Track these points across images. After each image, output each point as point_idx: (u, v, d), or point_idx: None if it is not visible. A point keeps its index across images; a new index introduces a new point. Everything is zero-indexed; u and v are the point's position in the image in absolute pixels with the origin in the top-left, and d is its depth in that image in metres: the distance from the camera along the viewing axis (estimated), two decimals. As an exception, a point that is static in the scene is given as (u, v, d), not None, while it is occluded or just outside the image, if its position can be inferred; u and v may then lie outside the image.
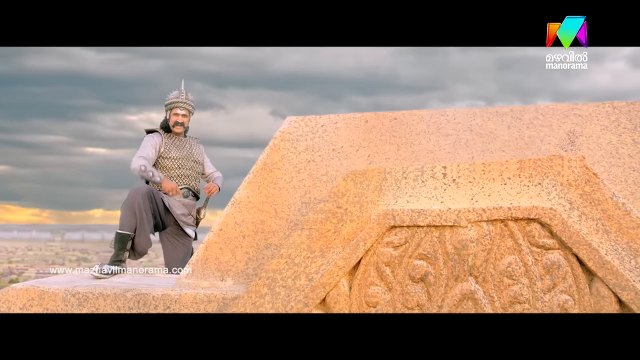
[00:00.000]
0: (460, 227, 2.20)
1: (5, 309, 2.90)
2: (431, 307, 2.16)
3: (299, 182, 2.86)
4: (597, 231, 2.12)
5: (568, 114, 2.71)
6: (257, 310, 2.30)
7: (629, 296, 2.03)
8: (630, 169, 2.61)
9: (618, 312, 2.05)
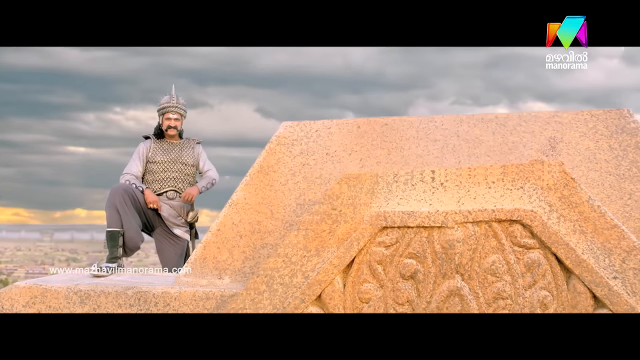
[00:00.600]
0: (448, 228, 2.31)
1: (9, 306, 2.98)
2: (420, 303, 2.29)
3: (294, 184, 2.97)
4: (574, 232, 2.26)
5: (549, 121, 2.85)
6: (256, 306, 2.41)
7: (602, 292, 2.17)
8: (607, 173, 2.75)
9: (593, 307, 2.19)
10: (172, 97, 4.13)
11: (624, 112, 2.80)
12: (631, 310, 2.13)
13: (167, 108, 4.11)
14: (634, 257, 2.20)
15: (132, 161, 3.98)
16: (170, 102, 4.11)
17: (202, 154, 4.26)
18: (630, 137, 2.75)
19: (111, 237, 3.50)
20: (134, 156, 4.00)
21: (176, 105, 4.12)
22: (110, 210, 3.51)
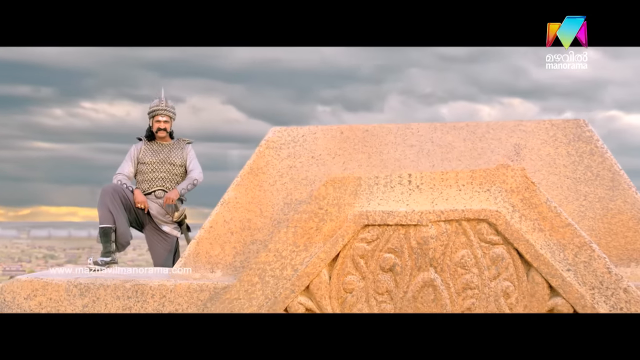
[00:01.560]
0: (423, 226, 2.55)
1: (11, 298, 3.14)
2: (398, 293, 2.53)
3: (281, 185, 3.18)
4: (534, 230, 2.52)
5: (514, 129, 3.12)
6: (249, 297, 2.64)
7: (557, 282, 2.44)
8: (565, 177, 3.02)
9: (549, 295, 2.46)
10: (161, 101, 4.33)
11: (580, 122, 3.07)
12: (581, 298, 2.41)
13: (156, 111, 4.31)
14: (584, 252, 2.48)
15: (124, 162, 4.19)
16: (159, 105, 4.31)
17: (190, 153, 4.45)
18: (585, 144, 3.03)
19: (104, 233, 3.69)
20: (126, 157, 4.22)
21: (165, 108, 4.32)
22: (102, 209, 3.70)
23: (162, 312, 2.99)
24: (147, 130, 4.39)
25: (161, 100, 4.33)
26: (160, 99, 4.33)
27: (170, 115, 4.35)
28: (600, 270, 2.46)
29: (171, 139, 4.41)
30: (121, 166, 4.17)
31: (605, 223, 2.97)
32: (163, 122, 4.30)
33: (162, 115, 4.30)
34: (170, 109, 4.34)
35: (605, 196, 2.99)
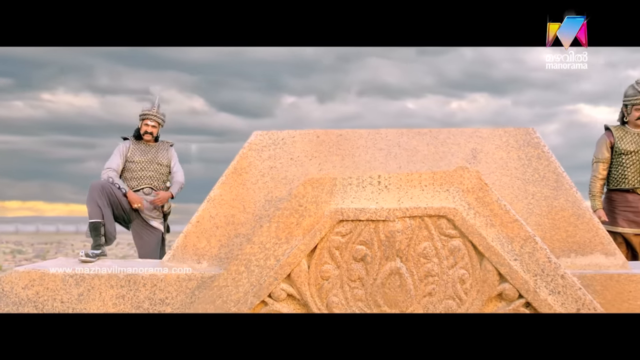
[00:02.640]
0: (390, 221, 2.78)
1: (9, 289, 3.29)
2: (368, 280, 2.78)
3: (263, 184, 3.39)
4: (486, 225, 2.81)
5: (472, 135, 3.41)
6: (236, 284, 2.90)
7: (505, 270, 2.72)
8: (515, 178, 3.30)
9: (498, 281, 2.76)
10: (153, 107, 4.59)
11: (529, 130, 3.37)
12: (525, 284, 2.73)
13: (147, 115, 4.57)
14: (529, 244, 2.80)
15: (113, 156, 4.38)
16: (151, 110, 4.58)
17: (174, 156, 4.71)
18: (533, 149, 3.34)
19: (94, 227, 3.90)
20: (115, 152, 4.41)
21: (155, 115, 4.58)
22: (91, 204, 3.91)
23: (153, 300, 3.22)
24: (135, 130, 4.63)
25: (154, 106, 4.59)
26: (153, 105, 4.59)
27: (159, 121, 4.61)
28: (542, 260, 2.78)
29: (155, 141, 4.66)
30: (110, 160, 4.37)
31: (549, 219, 3.24)
32: (151, 126, 4.56)
33: (152, 120, 4.56)
34: (161, 116, 4.60)
35: (550, 195, 3.27)
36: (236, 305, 2.83)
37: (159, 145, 4.65)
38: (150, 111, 4.62)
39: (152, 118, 4.61)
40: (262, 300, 2.82)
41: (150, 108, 4.63)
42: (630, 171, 4.35)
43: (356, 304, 2.78)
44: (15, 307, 3.31)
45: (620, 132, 4.42)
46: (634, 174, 4.35)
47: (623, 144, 4.37)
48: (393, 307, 2.76)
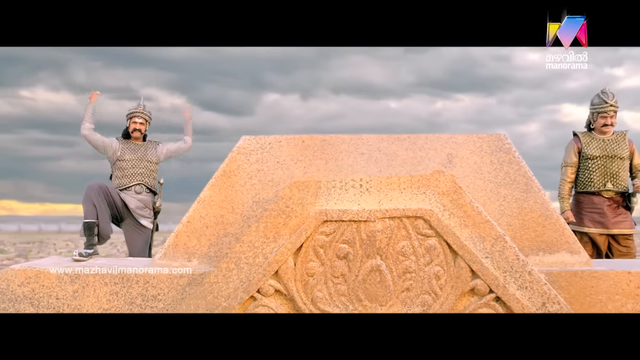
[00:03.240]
0: (371, 222, 2.94)
1: (5, 286, 3.40)
2: (351, 276, 2.94)
3: (251, 185, 3.54)
4: (460, 225, 3.00)
5: (448, 141, 3.60)
6: (227, 280, 3.06)
7: (477, 267, 2.92)
8: (488, 181, 3.49)
9: (471, 277, 2.97)
10: (139, 105, 4.74)
11: (501, 136, 3.57)
12: (495, 279, 2.94)
13: (134, 113, 4.72)
14: (499, 243, 3.00)
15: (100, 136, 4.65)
16: (137, 108, 4.72)
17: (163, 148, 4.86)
18: (505, 154, 3.54)
19: (88, 227, 4.04)
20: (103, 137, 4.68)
21: (142, 112, 4.72)
22: (87, 204, 4.05)
23: (145, 296, 3.36)
24: (124, 130, 4.77)
25: (140, 104, 4.74)
26: (139, 104, 4.74)
27: (146, 118, 4.75)
28: (511, 258, 3.00)
29: (143, 140, 4.81)
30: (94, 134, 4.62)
31: (520, 219, 3.44)
32: (139, 123, 4.71)
33: (139, 117, 4.71)
34: (147, 113, 4.75)
35: (520, 197, 3.46)
36: (227, 300, 2.99)
37: (147, 144, 4.80)
38: (137, 109, 4.76)
39: (140, 115, 4.75)
40: (251, 295, 2.98)
41: (137, 106, 4.77)
42: (596, 175, 4.61)
43: (339, 298, 2.96)
44: (12, 304, 3.41)
45: (587, 138, 4.69)
46: (599, 177, 4.61)
47: (589, 149, 4.63)
48: (373, 301, 2.94)
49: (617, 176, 4.59)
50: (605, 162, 4.59)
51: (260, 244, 3.07)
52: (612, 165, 4.58)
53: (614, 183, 4.58)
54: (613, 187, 4.58)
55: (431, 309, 2.94)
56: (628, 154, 4.62)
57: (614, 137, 4.66)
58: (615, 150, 4.60)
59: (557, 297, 2.97)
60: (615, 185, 4.58)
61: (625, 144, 4.63)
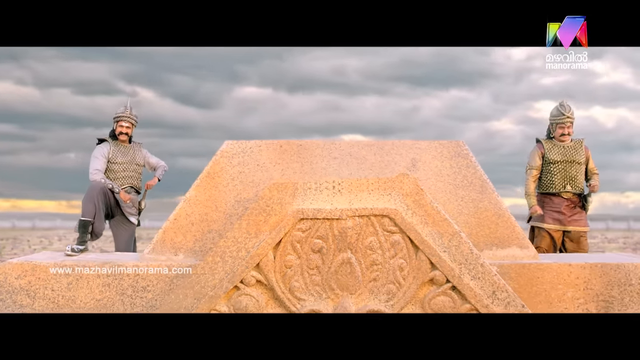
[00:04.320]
0: (342, 220, 3.25)
1: (3, 279, 3.62)
2: (324, 268, 3.24)
3: (233, 186, 3.83)
4: (421, 223, 3.33)
5: (412, 147, 3.94)
6: (213, 272, 3.38)
7: (436, 260, 3.24)
8: (448, 184, 3.85)
9: (430, 269, 3.32)
10: (126, 109, 4.98)
11: (460, 142, 3.93)
12: (452, 270, 3.30)
13: (121, 117, 4.96)
14: (455, 238, 3.34)
15: (97, 160, 4.74)
16: (124, 112, 4.97)
17: (147, 153, 5.13)
18: (463, 159, 3.91)
19: (84, 225, 4.31)
20: (98, 155, 4.78)
21: (129, 116, 4.98)
22: (88, 204, 4.31)
23: (136, 287, 3.63)
24: (110, 131, 5.02)
25: (127, 108, 4.98)
26: (126, 107, 4.98)
27: (132, 122, 5.01)
28: (466, 251, 3.36)
29: (129, 143, 5.08)
30: (96, 164, 4.72)
31: (476, 218, 3.82)
32: (125, 127, 4.96)
33: (126, 121, 4.96)
34: (134, 117, 5.01)
35: (476, 198, 3.84)
36: (213, 289, 3.30)
37: (133, 146, 5.06)
38: (124, 113, 5.00)
39: (126, 119, 5.00)
40: (235, 285, 3.29)
41: (124, 110, 5.02)
42: (557, 178, 5.10)
43: (314, 288, 3.29)
44: (9, 295, 3.65)
45: (549, 145, 5.16)
46: (559, 180, 5.09)
47: (552, 155, 5.10)
48: (344, 290, 3.28)
49: (576, 179, 5.08)
50: (565, 166, 5.07)
51: (243, 239, 3.37)
52: (571, 169, 5.07)
53: (573, 185, 5.07)
54: (572, 189, 5.07)
55: (395, 297, 3.29)
56: (584, 160, 5.12)
57: (573, 144, 5.15)
58: (574, 156, 5.08)
59: (505, 286, 3.35)
60: (573, 187, 5.07)
61: (582, 151, 5.13)
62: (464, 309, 3.29)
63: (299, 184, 3.42)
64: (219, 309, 3.29)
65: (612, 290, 3.65)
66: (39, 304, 3.65)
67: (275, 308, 3.32)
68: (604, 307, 3.62)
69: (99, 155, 4.79)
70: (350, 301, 3.27)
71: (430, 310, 3.30)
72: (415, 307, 3.33)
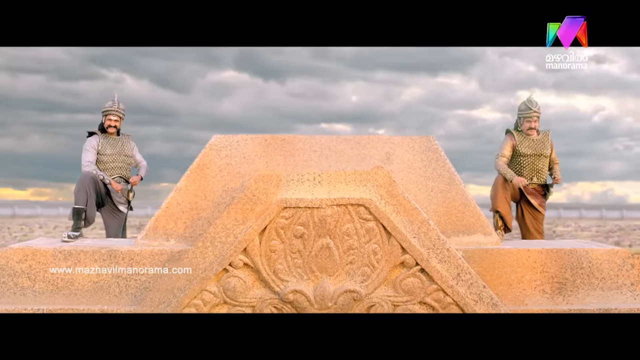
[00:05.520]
0: (322, 208, 3.52)
1: (5, 262, 3.88)
2: (305, 252, 3.50)
3: (221, 177, 4.11)
4: (393, 212, 3.62)
5: (387, 142, 4.26)
6: (204, 256, 3.67)
7: (406, 245, 3.53)
8: (419, 176, 4.16)
9: (401, 253, 3.64)
10: (114, 103, 5.23)
11: (430, 138, 4.27)
12: (421, 254, 3.62)
13: (109, 111, 5.22)
14: (424, 226, 3.67)
15: (88, 153, 4.99)
16: (112, 106, 5.22)
17: (135, 147, 5.40)
18: (433, 153, 4.25)
19: (77, 212, 4.57)
20: (88, 149, 5.02)
21: (117, 110, 5.23)
22: (80, 192, 4.58)
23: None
24: (99, 125, 5.28)
25: (114, 102, 5.24)
26: (114, 102, 5.24)
27: (120, 115, 5.27)
28: (434, 237, 3.69)
29: (117, 135, 5.34)
30: (87, 157, 4.96)
31: (444, 207, 4.14)
32: (114, 120, 5.22)
33: (114, 115, 5.22)
34: (121, 110, 5.26)
35: (445, 189, 4.16)
36: (204, 272, 3.60)
37: (122, 138, 5.32)
38: (112, 107, 5.26)
39: (114, 113, 5.26)
40: (224, 267, 3.58)
41: (112, 105, 5.27)
42: (526, 170, 5.52)
43: (296, 270, 3.59)
44: (10, 278, 3.91)
45: (520, 137, 5.55)
46: (527, 172, 5.52)
47: (522, 147, 5.50)
48: (323, 272, 3.59)
49: (541, 171, 5.52)
50: (534, 159, 5.48)
51: (231, 226, 3.66)
52: (539, 162, 5.50)
53: (538, 177, 5.50)
54: (537, 181, 5.48)
55: (369, 278, 3.61)
56: (550, 151, 5.50)
57: (541, 137, 5.54)
58: (542, 150, 5.49)
59: (469, 269, 3.71)
60: (539, 179, 5.49)
61: (549, 142, 5.51)
62: (431, 289, 3.62)
63: (283, 175, 3.70)
64: (210, 289, 3.59)
65: (566, 272, 4.03)
66: (39, 286, 3.90)
67: (260, 288, 3.62)
68: (558, 288, 4.01)
69: (89, 148, 5.04)
70: (328, 282, 3.58)
71: (401, 290, 3.63)
72: (387, 287, 3.64)
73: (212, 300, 3.60)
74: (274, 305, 3.59)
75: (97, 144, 5.10)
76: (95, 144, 5.10)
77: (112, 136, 5.25)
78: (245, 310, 3.59)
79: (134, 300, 3.86)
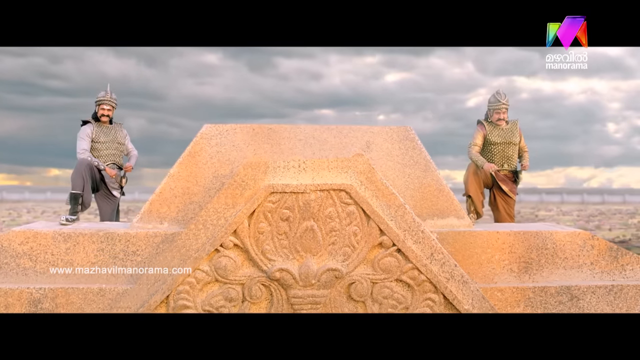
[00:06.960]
0: (306, 193, 3.77)
1: (7, 244, 4.10)
2: (291, 234, 3.76)
3: (211, 164, 4.33)
4: (372, 196, 3.90)
5: (367, 131, 4.50)
6: (196, 238, 3.94)
7: (384, 227, 3.81)
8: (397, 163, 4.41)
9: (379, 234, 3.94)
10: (107, 93, 5.45)
11: (408, 128, 4.51)
12: (397, 236, 3.91)
13: (102, 101, 5.44)
14: (401, 210, 3.96)
15: (83, 141, 5.21)
16: (105, 96, 5.44)
17: (127, 135, 5.63)
18: (409, 142, 4.49)
19: (74, 197, 4.81)
20: (83, 136, 5.24)
21: (109, 99, 5.45)
22: (78, 178, 4.81)
23: (127, 252, 4.14)
24: (93, 113, 5.50)
25: (107, 92, 5.46)
26: (107, 92, 5.46)
27: (113, 105, 5.49)
28: (409, 220, 3.98)
29: (110, 123, 5.57)
30: (82, 145, 5.20)
31: (420, 192, 4.42)
32: (107, 110, 5.44)
33: (107, 104, 5.44)
34: (114, 100, 5.49)
35: (421, 175, 4.43)
36: (196, 252, 3.86)
37: (115, 126, 5.55)
38: (105, 97, 5.48)
39: (107, 102, 5.49)
40: (215, 248, 3.85)
41: (105, 94, 5.49)
42: (497, 158, 5.85)
43: (282, 250, 3.87)
44: (13, 259, 4.13)
45: (490, 127, 5.87)
46: (498, 159, 5.85)
47: (493, 137, 5.82)
48: (308, 252, 3.86)
49: (511, 159, 5.84)
50: (504, 147, 5.81)
51: (222, 209, 3.92)
52: (509, 150, 5.83)
53: (509, 164, 5.83)
54: (508, 167, 5.82)
55: (350, 258, 3.89)
56: (519, 139, 5.83)
57: (510, 126, 5.88)
58: (511, 138, 5.82)
59: (442, 250, 4.02)
60: (509, 166, 5.83)
61: (517, 131, 5.84)
62: (407, 268, 3.93)
63: (270, 162, 3.96)
64: (202, 268, 3.86)
65: (532, 253, 4.36)
66: (40, 267, 4.14)
67: (249, 267, 3.90)
68: (524, 267, 4.34)
69: (84, 136, 5.27)
70: (312, 261, 3.86)
71: (379, 269, 3.92)
72: (366, 266, 3.94)
73: (204, 279, 3.86)
74: (262, 283, 3.87)
75: (91, 132, 5.32)
76: (89, 132, 5.31)
77: (105, 125, 5.47)
78: (236, 287, 3.87)
79: (130, 279, 4.10)
